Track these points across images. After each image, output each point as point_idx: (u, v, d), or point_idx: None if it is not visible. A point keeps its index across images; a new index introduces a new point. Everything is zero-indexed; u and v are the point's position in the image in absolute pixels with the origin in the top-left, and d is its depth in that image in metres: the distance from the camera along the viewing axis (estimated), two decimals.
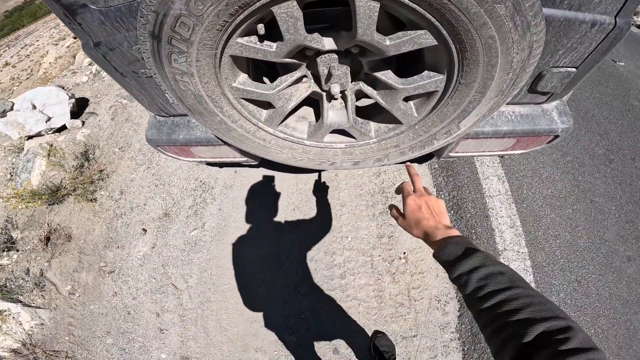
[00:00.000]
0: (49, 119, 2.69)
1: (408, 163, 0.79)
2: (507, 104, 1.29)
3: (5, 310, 2.06)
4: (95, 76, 3.48)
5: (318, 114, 1.09)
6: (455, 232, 0.63)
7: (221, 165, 2.38)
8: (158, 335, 1.92)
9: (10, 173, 2.78)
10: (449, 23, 0.66)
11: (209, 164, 2.41)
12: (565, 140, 2.51)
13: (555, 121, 1.29)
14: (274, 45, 0.78)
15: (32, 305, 2.10)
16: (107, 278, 2.10)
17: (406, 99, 0.92)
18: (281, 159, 1.13)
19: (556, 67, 1.08)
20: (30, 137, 2.79)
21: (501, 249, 1.90)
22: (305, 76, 0.96)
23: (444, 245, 0.59)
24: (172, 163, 2.43)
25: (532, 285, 1.82)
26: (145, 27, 0.69)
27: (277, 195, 2.19)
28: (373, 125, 1.04)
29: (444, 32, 0.68)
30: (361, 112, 1.05)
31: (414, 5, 0.63)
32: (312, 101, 1.06)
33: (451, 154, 1.48)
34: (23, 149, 2.79)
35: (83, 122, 2.81)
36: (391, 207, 0.78)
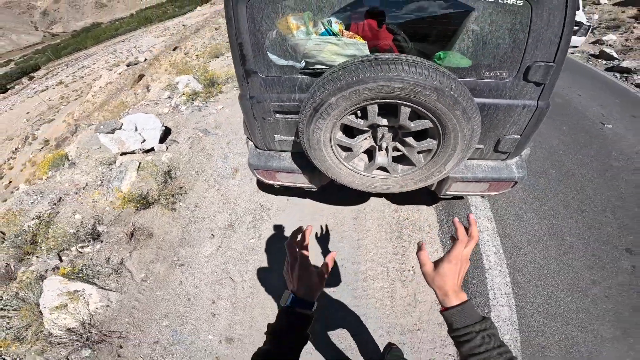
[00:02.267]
0: (144, 140, 3.52)
1: (472, 217, 0.79)
2: (482, 159, 2.06)
3: (80, 291, 2.36)
4: (174, 109, 4.42)
5: (369, 157, 1.85)
6: (464, 297, 0.73)
7: (276, 193, 3.11)
8: (209, 319, 2.30)
9: (100, 180, 3.48)
10: (438, 117, 1.42)
11: (266, 190, 3.13)
12: (545, 193, 3.14)
13: (514, 172, 2.01)
14: (362, 121, 1.57)
15: (106, 288, 2.45)
16: (177, 270, 2.62)
17: (420, 152, 1.67)
18: (346, 182, 1.86)
19: (507, 135, 1.82)
20: (123, 154, 3.59)
21: (487, 268, 2.45)
22: (368, 137, 1.72)
23: (461, 310, 0.71)
24: (238, 188, 3.18)
25: (511, 294, 2.34)
26: (312, 104, 1.48)
27: (319, 219, 2.86)
28: (400, 166, 1.79)
29: (436, 121, 1.44)
30: (394, 158, 1.80)
31: (424, 111, 1.41)
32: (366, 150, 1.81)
33: (447, 192, 2.16)
34: (115, 162, 3.58)
35: (167, 147, 3.64)
36: (420, 247, 0.79)
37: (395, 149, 1.73)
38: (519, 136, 1.83)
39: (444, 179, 2.07)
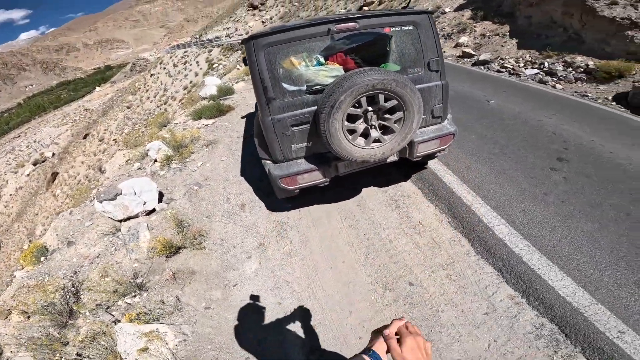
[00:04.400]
0: (144, 202, 3.67)
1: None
2: (428, 125, 3.04)
3: (154, 331, 2.42)
4: (153, 176, 4.60)
5: (365, 137, 2.59)
6: None
7: (288, 209, 3.60)
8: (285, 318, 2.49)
9: (114, 246, 3.51)
10: (399, 96, 2.34)
11: (278, 209, 3.54)
12: (475, 149, 4.24)
13: (449, 128, 3.06)
14: (359, 109, 2.34)
15: (176, 324, 2.55)
16: (233, 290, 2.80)
17: (395, 122, 2.50)
18: (357, 157, 2.54)
19: (435, 105, 2.89)
20: (125, 220, 3.66)
21: (469, 204, 3.23)
22: (362, 120, 2.49)
23: None
24: (251, 217, 3.55)
25: (498, 216, 3.04)
26: (329, 103, 2.22)
27: (332, 216, 3.40)
28: (386, 136, 2.58)
29: (399, 99, 2.36)
30: (383, 131, 2.60)
31: (392, 95, 2.32)
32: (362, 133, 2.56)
33: (417, 154, 3.01)
34: (119, 229, 3.65)
35: (167, 205, 3.82)
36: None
37: (381, 126, 2.57)
38: (441, 104, 2.96)
39: (413, 145, 2.94)
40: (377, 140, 2.58)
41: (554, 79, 6.68)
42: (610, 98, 5.97)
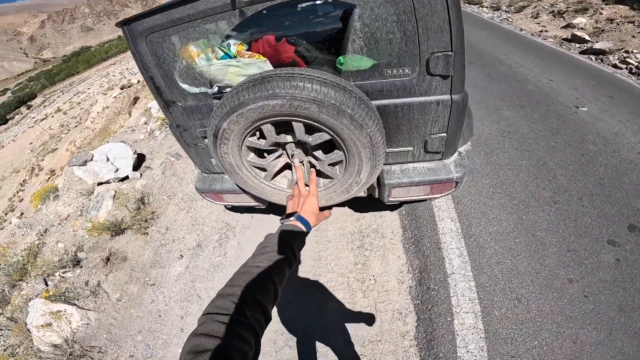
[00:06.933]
0: (117, 169, 3.64)
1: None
2: (419, 161, 1.96)
3: (62, 311, 2.61)
4: (149, 135, 4.57)
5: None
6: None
7: (242, 211, 3.15)
8: (179, 334, 2.42)
9: (81, 210, 3.68)
10: (330, 128, 1.37)
11: (232, 209, 3.17)
12: (513, 186, 3.05)
13: (452, 171, 1.88)
14: (264, 141, 1.53)
15: (85, 308, 2.67)
16: (149, 289, 2.76)
17: (332, 165, 1.62)
18: (273, 200, 1.84)
19: (432, 134, 1.75)
20: (100, 184, 3.73)
21: (450, 272, 2.37)
22: (282, 154, 1.69)
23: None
24: (206, 209, 3.24)
25: (476, 299, 2.22)
26: (210, 130, 1.48)
27: None
28: (322, 180, 1.74)
29: (331, 132, 1.39)
30: (318, 173, 1.73)
31: (315, 124, 1.36)
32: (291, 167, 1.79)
33: (390, 199, 2.07)
34: (93, 192, 3.73)
35: (141, 174, 3.75)
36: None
37: (310, 164, 1.68)
38: (445, 134, 1.74)
39: (382, 186, 2.00)
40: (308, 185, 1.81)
41: None
42: None
